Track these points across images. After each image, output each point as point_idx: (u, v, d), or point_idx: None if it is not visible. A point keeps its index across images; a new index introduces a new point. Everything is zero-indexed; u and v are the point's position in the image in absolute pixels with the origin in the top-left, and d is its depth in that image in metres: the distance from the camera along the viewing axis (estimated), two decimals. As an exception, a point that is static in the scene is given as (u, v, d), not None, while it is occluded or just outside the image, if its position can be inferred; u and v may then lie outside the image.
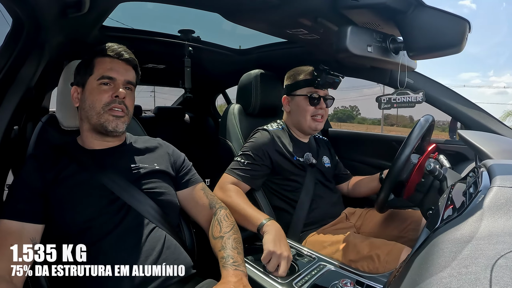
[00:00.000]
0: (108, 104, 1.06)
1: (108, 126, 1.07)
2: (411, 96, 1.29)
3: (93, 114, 1.07)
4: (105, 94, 1.06)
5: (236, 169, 1.48)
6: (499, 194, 0.59)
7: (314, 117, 1.62)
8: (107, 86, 1.07)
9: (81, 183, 1.02)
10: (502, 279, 0.40)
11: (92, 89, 1.07)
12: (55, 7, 1.01)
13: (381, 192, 1.25)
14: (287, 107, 1.68)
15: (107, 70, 1.07)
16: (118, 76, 1.09)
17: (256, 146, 1.53)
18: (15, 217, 0.94)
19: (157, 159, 1.19)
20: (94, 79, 1.07)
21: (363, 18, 1.16)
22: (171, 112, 3.54)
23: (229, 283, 0.93)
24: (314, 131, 1.66)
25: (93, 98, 1.06)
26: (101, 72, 1.07)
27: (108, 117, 1.07)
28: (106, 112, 1.06)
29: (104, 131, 1.08)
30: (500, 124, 1.66)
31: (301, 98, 1.62)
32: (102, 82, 1.07)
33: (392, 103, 1.30)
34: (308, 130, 1.65)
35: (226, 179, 1.46)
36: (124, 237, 0.99)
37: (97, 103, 1.06)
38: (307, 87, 1.61)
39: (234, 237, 1.10)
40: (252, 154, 1.51)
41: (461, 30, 1.04)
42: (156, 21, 2.13)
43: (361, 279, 1.06)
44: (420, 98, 1.28)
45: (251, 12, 1.22)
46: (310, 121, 1.62)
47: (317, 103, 1.60)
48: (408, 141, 1.21)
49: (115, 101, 1.07)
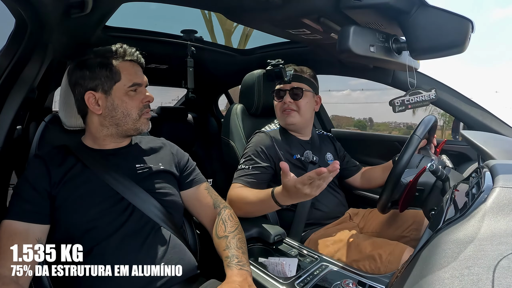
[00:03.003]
0: (142, 109, 1.10)
1: (144, 129, 1.13)
2: (423, 95, 1.28)
3: (128, 120, 1.09)
4: (137, 100, 1.09)
5: (243, 176, 1.46)
6: (501, 194, 0.58)
7: (283, 112, 1.62)
8: (135, 92, 1.09)
9: (86, 183, 1.02)
10: (504, 280, 0.40)
11: (122, 96, 1.07)
12: (58, 8, 1.01)
13: (383, 193, 1.24)
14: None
15: (135, 77, 1.09)
16: (143, 81, 1.12)
17: (257, 149, 1.53)
18: (21, 217, 0.94)
19: (161, 159, 1.20)
20: (124, 85, 1.07)
21: (365, 18, 1.16)
22: (174, 112, 3.54)
23: (234, 283, 0.93)
24: (289, 125, 1.63)
25: (127, 105, 1.08)
26: (130, 78, 1.08)
27: (143, 121, 1.12)
28: (141, 117, 1.11)
29: (137, 133, 1.13)
30: (503, 124, 1.66)
31: (275, 96, 1.66)
32: (132, 89, 1.08)
33: (406, 104, 1.29)
34: (287, 127, 1.66)
35: (235, 187, 1.44)
36: (129, 237, 1.00)
37: (133, 111, 1.09)
38: (277, 84, 1.66)
39: (238, 236, 1.10)
40: (255, 158, 1.51)
41: (464, 30, 1.04)
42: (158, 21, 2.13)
43: (363, 280, 1.06)
44: (433, 95, 1.27)
45: (254, 12, 1.22)
46: (281, 116, 1.63)
47: (282, 97, 1.61)
48: (411, 141, 1.21)
49: (147, 106, 1.12)
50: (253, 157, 1.51)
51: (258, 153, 1.52)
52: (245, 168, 1.49)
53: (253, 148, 1.54)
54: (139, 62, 1.13)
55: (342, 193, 1.74)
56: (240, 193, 1.37)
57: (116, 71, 1.07)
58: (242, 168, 1.50)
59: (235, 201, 1.36)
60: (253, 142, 1.58)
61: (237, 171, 1.51)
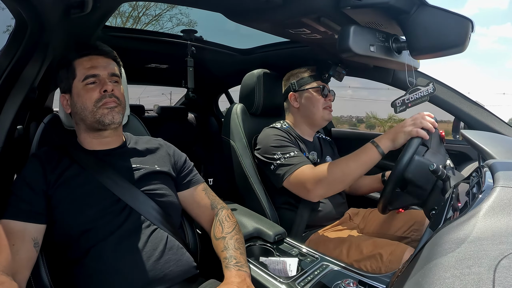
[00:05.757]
0: (99, 100, 1.06)
1: (105, 120, 1.06)
2: (422, 91, 1.28)
3: (86, 113, 1.07)
4: (93, 92, 1.06)
5: (293, 164, 1.43)
6: (502, 194, 0.58)
7: (325, 108, 1.65)
8: (93, 85, 1.07)
9: (82, 185, 1.02)
10: (505, 279, 0.40)
11: (79, 92, 1.07)
12: (58, 8, 1.01)
13: (383, 193, 1.24)
14: (296, 103, 1.69)
15: (88, 69, 1.07)
16: (101, 72, 1.08)
17: (281, 138, 1.54)
18: (17, 217, 0.94)
19: (158, 160, 1.19)
20: (79, 81, 1.07)
21: (366, 17, 1.16)
22: (174, 111, 3.54)
23: (233, 284, 0.93)
24: (326, 121, 1.69)
25: (83, 99, 1.06)
26: (83, 72, 1.07)
27: (103, 111, 1.06)
28: (99, 108, 1.06)
29: (102, 126, 1.08)
30: (503, 124, 1.66)
31: (312, 91, 1.65)
32: (87, 82, 1.07)
33: (406, 103, 1.29)
34: (320, 121, 1.67)
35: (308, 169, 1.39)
36: (126, 238, 1.00)
37: (88, 102, 1.06)
38: (316, 81, 1.67)
39: (236, 237, 1.10)
40: (287, 144, 1.51)
41: (464, 30, 1.04)
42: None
43: (363, 279, 1.06)
44: (432, 88, 1.27)
45: (254, 12, 1.22)
46: (323, 112, 1.65)
47: (327, 95, 1.65)
48: (411, 142, 1.21)
49: (105, 96, 1.07)
50: (285, 144, 1.51)
51: (285, 141, 1.53)
52: (288, 157, 1.46)
53: (277, 139, 1.53)
54: (99, 53, 1.11)
55: (343, 193, 1.74)
56: (323, 167, 1.34)
57: (73, 69, 1.08)
58: (284, 158, 1.46)
59: (324, 175, 1.31)
60: (270, 136, 1.56)
61: (279, 167, 1.46)
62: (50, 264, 1.02)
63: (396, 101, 1.30)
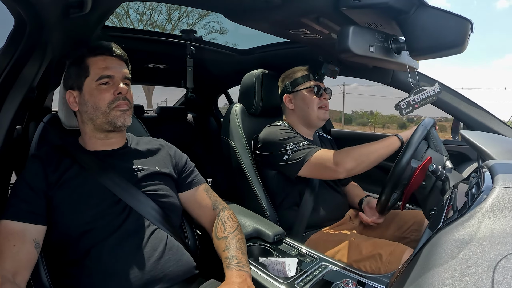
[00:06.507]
0: (112, 102, 1.06)
1: (117, 122, 1.07)
2: (428, 91, 1.26)
3: (98, 114, 1.06)
4: (107, 93, 1.06)
5: (310, 148, 1.47)
6: (501, 194, 0.58)
7: (320, 107, 1.65)
8: (106, 85, 1.07)
9: (83, 185, 1.02)
10: (504, 280, 0.40)
11: (91, 91, 1.06)
12: (57, 7, 1.00)
13: (382, 195, 1.24)
14: (290, 104, 1.69)
15: (103, 69, 1.07)
16: (116, 73, 1.09)
17: (288, 131, 1.57)
18: (18, 218, 0.94)
19: (158, 161, 1.19)
20: (92, 80, 1.07)
21: (365, 18, 1.16)
22: (173, 112, 3.54)
23: (234, 284, 0.92)
24: (323, 121, 1.69)
25: (95, 99, 1.06)
26: (98, 72, 1.07)
27: (116, 113, 1.07)
28: (112, 110, 1.06)
29: (113, 128, 1.08)
30: (502, 124, 1.66)
31: (305, 91, 1.65)
32: (101, 82, 1.06)
33: (412, 105, 1.26)
34: (316, 122, 1.67)
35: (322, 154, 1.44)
36: (126, 238, 1.00)
37: (101, 103, 1.06)
38: (308, 81, 1.66)
39: (238, 237, 1.10)
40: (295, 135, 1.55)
41: (463, 30, 1.04)
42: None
43: (363, 280, 1.06)
44: (438, 88, 1.26)
45: (253, 12, 1.22)
46: (318, 112, 1.65)
47: (321, 94, 1.64)
48: (410, 144, 1.21)
49: (119, 98, 1.07)
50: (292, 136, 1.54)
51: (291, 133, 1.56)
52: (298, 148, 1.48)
53: (284, 133, 1.55)
54: (114, 55, 1.11)
55: (343, 194, 1.74)
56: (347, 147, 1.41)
57: (85, 66, 1.08)
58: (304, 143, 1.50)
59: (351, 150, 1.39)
60: (276, 131, 1.58)
61: (295, 159, 1.47)
62: (50, 264, 1.02)
63: (400, 103, 1.27)
